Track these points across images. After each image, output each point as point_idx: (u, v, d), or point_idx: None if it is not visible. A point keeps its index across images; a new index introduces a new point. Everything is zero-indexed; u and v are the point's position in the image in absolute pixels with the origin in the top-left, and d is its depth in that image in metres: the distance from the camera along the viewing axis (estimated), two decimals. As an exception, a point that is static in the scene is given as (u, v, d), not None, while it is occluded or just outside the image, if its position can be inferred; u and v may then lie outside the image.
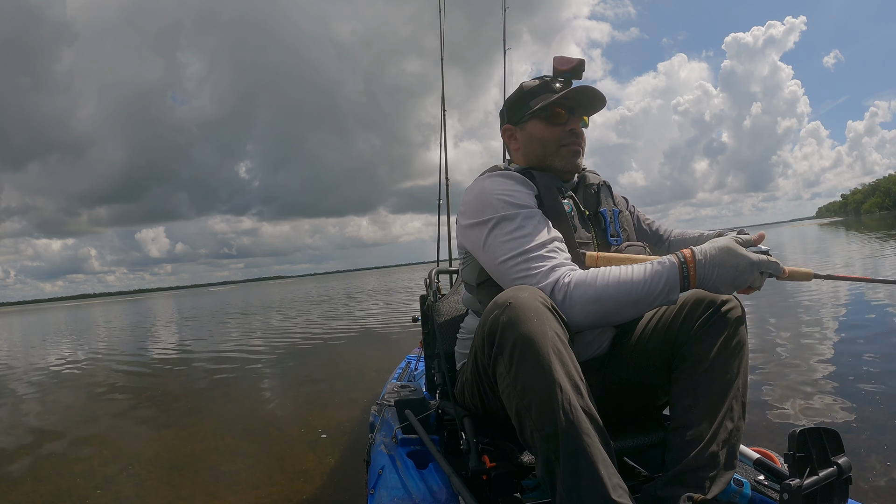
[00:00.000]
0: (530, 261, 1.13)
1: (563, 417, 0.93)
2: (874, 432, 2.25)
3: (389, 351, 5.79)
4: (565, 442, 0.92)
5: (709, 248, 1.06)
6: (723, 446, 1.09)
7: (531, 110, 1.33)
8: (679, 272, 1.06)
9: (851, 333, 4.25)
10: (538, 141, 1.33)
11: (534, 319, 0.99)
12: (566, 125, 1.31)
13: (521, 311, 1.00)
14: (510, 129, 1.40)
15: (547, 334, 0.98)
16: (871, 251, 10.87)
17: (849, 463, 1.06)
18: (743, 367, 1.16)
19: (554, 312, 1.03)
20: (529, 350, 0.97)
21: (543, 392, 0.95)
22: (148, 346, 9.15)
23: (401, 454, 1.54)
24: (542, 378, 0.95)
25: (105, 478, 2.64)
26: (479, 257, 1.24)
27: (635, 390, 1.30)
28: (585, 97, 1.32)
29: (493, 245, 1.18)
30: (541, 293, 1.05)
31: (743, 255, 1.04)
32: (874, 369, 3.15)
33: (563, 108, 1.31)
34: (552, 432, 0.93)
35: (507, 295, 1.04)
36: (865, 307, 5.32)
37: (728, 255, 1.04)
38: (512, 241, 1.16)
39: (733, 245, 1.05)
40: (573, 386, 0.96)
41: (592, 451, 0.92)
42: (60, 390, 5.46)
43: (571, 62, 1.32)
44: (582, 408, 0.95)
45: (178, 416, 3.92)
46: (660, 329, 1.24)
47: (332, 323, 9.94)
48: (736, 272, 1.04)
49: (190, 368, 6.16)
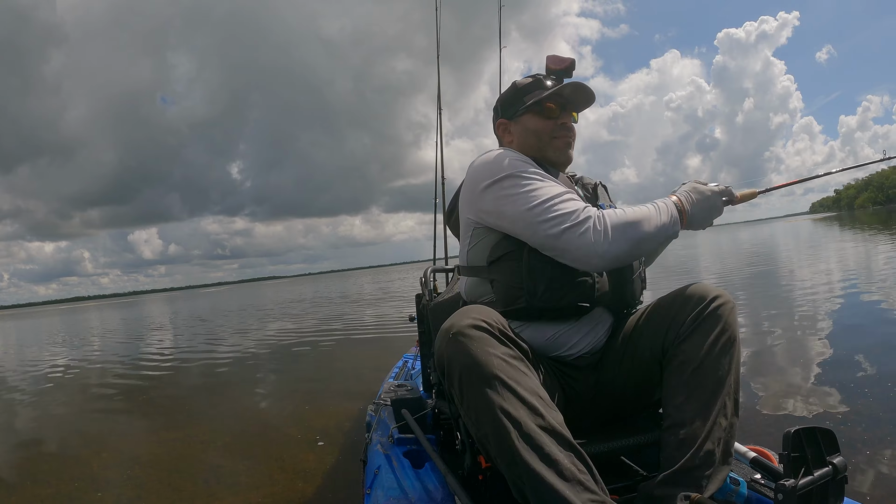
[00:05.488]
0: (563, 202, 1.18)
1: (518, 444, 0.94)
2: (869, 425, 2.28)
3: (385, 350, 5.79)
4: (525, 469, 0.93)
5: (683, 191, 1.27)
6: (717, 444, 1.08)
7: (525, 105, 1.39)
8: (676, 209, 1.22)
9: (845, 329, 4.29)
10: (532, 133, 1.39)
11: (475, 348, 1.00)
12: (558, 119, 1.38)
13: (463, 340, 1.01)
14: (504, 123, 1.45)
15: (491, 361, 0.99)
16: (865, 251, 10.91)
17: (844, 462, 1.06)
18: (735, 363, 1.15)
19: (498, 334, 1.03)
20: (474, 380, 0.99)
21: (495, 421, 0.96)
22: (145, 349, 9.09)
23: (397, 454, 1.53)
24: (490, 407, 0.97)
25: (105, 481, 2.64)
26: (505, 212, 1.23)
27: (629, 388, 1.30)
28: (576, 94, 1.39)
29: (519, 195, 1.21)
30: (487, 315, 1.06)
31: (707, 189, 1.28)
32: (868, 365, 3.17)
33: (555, 103, 1.38)
34: (511, 460, 0.95)
35: (449, 323, 1.06)
36: (857, 302, 5.35)
37: (698, 193, 1.26)
38: (537, 190, 1.20)
39: (698, 185, 1.28)
40: (527, 407, 0.97)
41: (556, 471, 0.93)
42: (57, 394, 5.44)
43: (564, 61, 1.39)
44: (540, 426, 0.96)
45: (177, 418, 3.91)
46: (651, 326, 1.24)
47: (328, 323, 9.93)
48: (709, 203, 1.26)
49: (187, 371, 6.13)
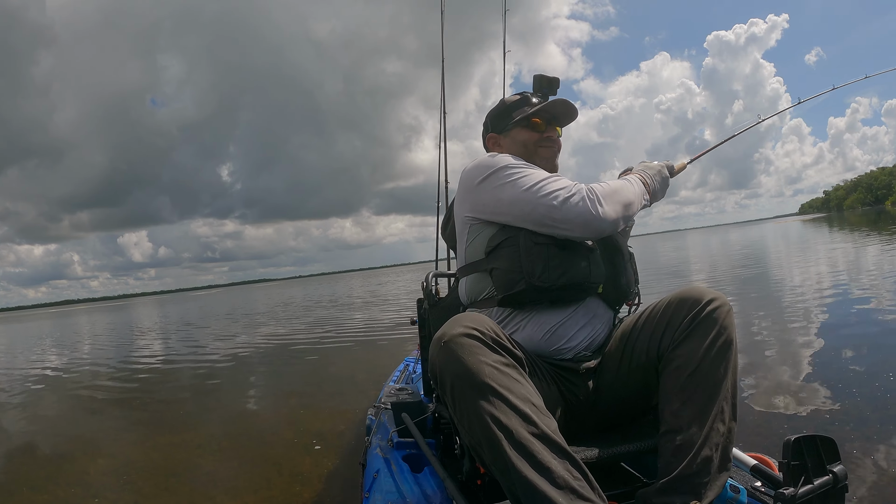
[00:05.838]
0: (556, 181, 1.29)
1: (510, 452, 0.94)
2: (857, 424, 2.33)
3: (379, 354, 5.79)
4: (517, 477, 0.94)
5: (639, 170, 1.46)
6: (715, 449, 1.07)
7: (513, 120, 1.51)
8: (642, 183, 1.41)
9: (835, 329, 4.32)
10: (520, 144, 1.50)
11: (466, 356, 1.00)
12: (543, 133, 1.50)
13: (454, 349, 1.01)
14: (495, 137, 1.56)
15: (482, 370, 0.99)
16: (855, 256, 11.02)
17: (844, 471, 1.04)
18: (732, 367, 1.14)
19: (490, 342, 1.03)
20: (466, 388, 0.99)
21: (487, 429, 0.96)
22: (139, 353, 8.92)
23: (396, 457, 1.53)
24: (482, 415, 0.97)
25: (102, 485, 2.63)
26: (503, 198, 1.31)
27: (628, 394, 1.29)
28: (560, 109, 1.51)
29: (515, 180, 1.31)
30: (479, 323, 1.05)
31: (655, 165, 1.50)
32: (858, 366, 3.20)
33: (541, 118, 1.50)
34: (504, 468, 0.95)
35: (441, 331, 1.06)
36: (848, 303, 5.40)
37: (652, 169, 1.47)
38: (530, 175, 1.31)
39: (647, 163, 1.50)
40: (519, 414, 0.97)
41: (548, 479, 0.93)
42: (51, 398, 5.37)
43: (549, 80, 1.53)
44: (532, 434, 0.96)
45: (172, 422, 3.88)
46: (647, 330, 1.23)
47: (323, 327, 9.84)
48: (661, 177, 1.47)
49: (181, 375, 6.05)
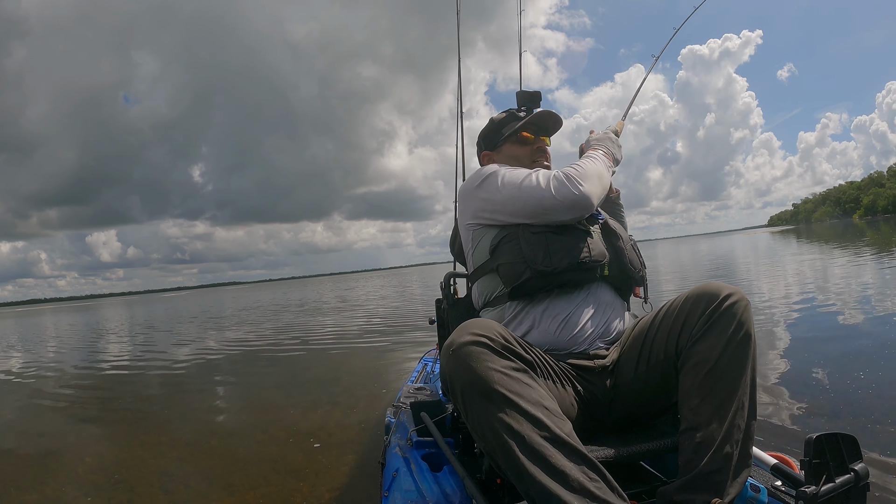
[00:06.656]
0: (541, 174, 1.38)
1: (523, 458, 0.95)
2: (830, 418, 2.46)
3: (375, 357, 5.75)
4: (531, 482, 0.94)
5: (594, 143, 1.55)
6: (735, 446, 1.06)
7: (503, 136, 1.59)
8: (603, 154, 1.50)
9: (804, 332, 4.42)
10: (514, 159, 1.56)
11: (475, 364, 1.00)
12: (533, 144, 1.58)
13: (462, 357, 1.02)
14: (488, 154, 1.65)
15: (491, 376, 0.99)
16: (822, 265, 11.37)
17: (866, 469, 1.04)
18: (751, 363, 1.12)
19: (499, 348, 1.04)
20: (476, 396, 0.99)
21: (499, 436, 0.97)
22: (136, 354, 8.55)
23: (415, 456, 1.52)
24: (493, 422, 0.97)
25: (94, 485, 2.56)
26: (498, 197, 1.40)
27: (647, 392, 1.28)
28: (546, 120, 1.60)
29: (508, 180, 1.40)
30: (487, 329, 1.06)
31: (607, 134, 1.60)
32: (827, 366, 3.30)
33: (529, 131, 1.58)
34: (518, 474, 0.96)
35: (450, 339, 1.07)
36: (814, 308, 5.56)
37: (603, 139, 1.56)
38: (517, 174, 1.41)
39: (598, 134, 1.59)
40: (531, 419, 0.97)
41: (562, 483, 0.93)
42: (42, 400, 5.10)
43: (531, 94, 1.61)
44: (545, 438, 0.96)
45: (170, 424, 3.77)
46: (664, 328, 1.23)
47: (321, 328, 9.68)
48: (615, 145, 1.56)
49: (182, 376, 5.85)
